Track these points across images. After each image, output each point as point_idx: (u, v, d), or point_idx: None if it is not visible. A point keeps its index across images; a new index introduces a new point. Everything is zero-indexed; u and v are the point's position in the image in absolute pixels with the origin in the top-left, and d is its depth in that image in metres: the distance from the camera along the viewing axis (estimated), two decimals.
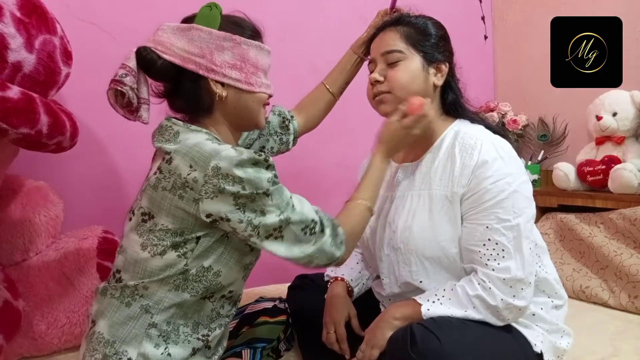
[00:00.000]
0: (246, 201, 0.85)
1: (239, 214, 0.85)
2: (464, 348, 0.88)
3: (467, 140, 1.03)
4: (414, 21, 1.11)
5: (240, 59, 0.94)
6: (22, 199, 1.34)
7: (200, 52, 0.91)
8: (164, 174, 0.88)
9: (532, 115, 2.28)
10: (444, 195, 1.03)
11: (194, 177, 0.84)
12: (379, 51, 1.11)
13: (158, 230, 0.88)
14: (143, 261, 0.89)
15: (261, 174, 0.86)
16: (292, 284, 1.33)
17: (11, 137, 1.05)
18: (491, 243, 0.97)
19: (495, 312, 0.96)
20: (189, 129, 0.92)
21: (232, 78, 0.93)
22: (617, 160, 1.75)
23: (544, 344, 1.02)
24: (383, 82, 1.08)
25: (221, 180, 0.83)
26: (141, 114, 0.92)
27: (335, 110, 2.05)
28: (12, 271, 1.30)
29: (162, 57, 0.90)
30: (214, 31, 0.92)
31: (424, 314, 0.97)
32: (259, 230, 0.87)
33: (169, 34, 0.92)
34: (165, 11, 1.66)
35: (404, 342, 0.90)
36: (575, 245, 1.79)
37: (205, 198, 0.85)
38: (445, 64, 1.10)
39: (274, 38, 1.89)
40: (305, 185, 2.01)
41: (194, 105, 0.95)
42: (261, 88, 0.97)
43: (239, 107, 0.96)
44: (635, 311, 1.54)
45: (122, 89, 0.88)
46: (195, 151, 0.86)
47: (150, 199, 0.89)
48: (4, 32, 1.01)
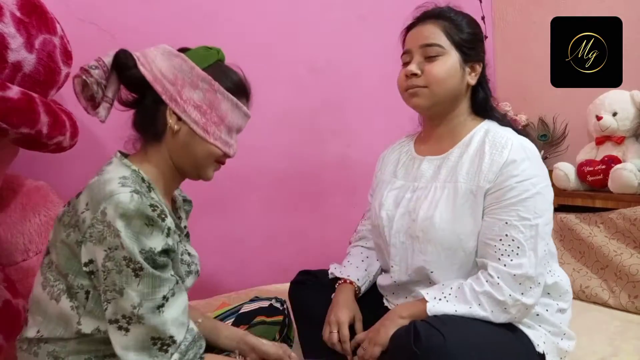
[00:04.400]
0: (113, 267, 0.78)
1: (101, 276, 0.79)
2: (468, 345, 0.88)
3: (497, 138, 1.05)
4: (454, 17, 1.10)
5: (208, 104, 0.91)
6: (22, 199, 1.34)
7: (173, 80, 0.89)
8: (70, 208, 0.86)
9: (532, 115, 2.28)
10: (469, 189, 1.03)
11: (84, 217, 0.80)
12: (417, 42, 1.09)
13: (52, 269, 0.86)
14: (44, 302, 0.86)
15: (148, 238, 0.79)
16: (295, 280, 1.31)
17: (11, 137, 1.05)
18: (508, 239, 0.97)
19: (502, 308, 0.96)
20: (120, 162, 0.89)
21: (190, 117, 0.89)
22: (617, 160, 1.75)
23: (547, 344, 1.02)
24: (420, 75, 1.07)
25: (105, 228, 0.78)
26: (99, 111, 0.90)
27: (335, 110, 2.06)
28: (12, 271, 1.30)
29: (138, 67, 0.89)
30: (196, 68, 0.90)
31: (429, 310, 0.98)
32: (107, 307, 0.79)
33: (158, 52, 0.91)
34: (165, 11, 1.66)
35: (407, 338, 0.90)
36: (575, 245, 1.79)
37: (89, 241, 0.79)
38: (479, 64, 1.11)
39: (274, 38, 1.90)
40: (305, 185, 2.01)
41: (147, 126, 0.93)
42: (217, 141, 0.92)
43: (187, 149, 0.92)
44: (635, 311, 1.54)
45: (86, 78, 0.86)
46: (97, 189, 0.82)
47: (54, 232, 0.87)
48: (4, 32, 1.01)
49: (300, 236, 2.00)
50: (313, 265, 1.40)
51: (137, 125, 0.95)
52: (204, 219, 1.79)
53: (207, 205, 1.81)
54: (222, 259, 1.81)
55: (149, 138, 0.93)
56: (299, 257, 1.98)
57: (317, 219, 2.04)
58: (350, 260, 1.28)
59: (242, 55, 1.96)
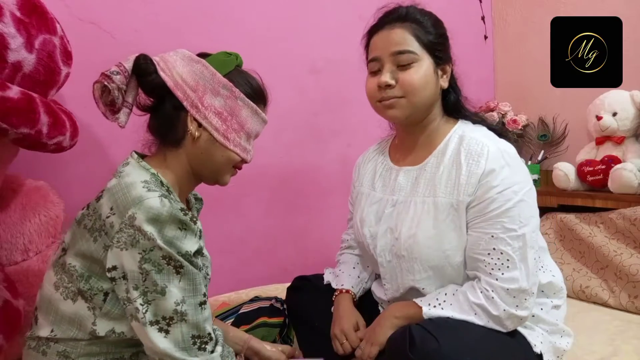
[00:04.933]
0: (152, 268, 0.78)
1: (139, 279, 0.79)
2: (463, 349, 0.88)
3: (472, 146, 1.01)
4: (421, 18, 1.04)
5: (229, 111, 0.91)
6: (22, 199, 1.34)
7: (194, 86, 0.89)
8: (89, 211, 0.86)
9: (532, 115, 2.28)
10: (449, 203, 1.01)
11: (111, 222, 0.80)
12: (387, 50, 1.02)
13: (67, 269, 0.85)
14: (55, 302, 0.85)
15: (182, 242, 0.80)
16: (291, 285, 1.32)
17: (11, 137, 1.05)
18: (496, 252, 0.96)
19: (497, 321, 0.95)
20: (138, 164, 0.89)
21: (211, 124, 0.90)
22: (617, 160, 1.75)
23: (544, 344, 1.02)
24: (394, 85, 1.02)
25: (136, 232, 0.78)
26: (119, 116, 0.90)
27: (335, 110, 2.06)
28: (12, 271, 1.30)
29: (159, 72, 0.89)
30: (217, 74, 0.90)
31: (425, 314, 0.97)
32: (147, 309, 0.79)
33: (178, 57, 0.91)
34: (165, 11, 1.66)
35: (402, 343, 0.90)
36: (575, 245, 1.79)
37: (116, 247, 0.79)
38: (449, 65, 1.08)
39: (274, 38, 1.90)
40: (305, 185, 2.01)
41: (166, 131, 0.93)
42: (236, 148, 0.93)
43: (206, 155, 0.92)
44: (635, 311, 1.54)
45: (108, 84, 0.86)
46: (121, 193, 0.82)
47: (72, 234, 0.87)
48: (4, 32, 1.01)
49: (300, 236, 2.00)
50: (313, 266, 1.40)
51: (155, 129, 0.95)
52: (203, 219, 1.79)
53: (207, 205, 1.81)
54: (222, 259, 1.80)
55: (168, 143, 0.93)
56: (299, 257, 1.98)
57: (317, 219, 2.04)
58: (341, 269, 1.27)
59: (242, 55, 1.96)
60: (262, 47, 1.86)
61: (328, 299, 1.22)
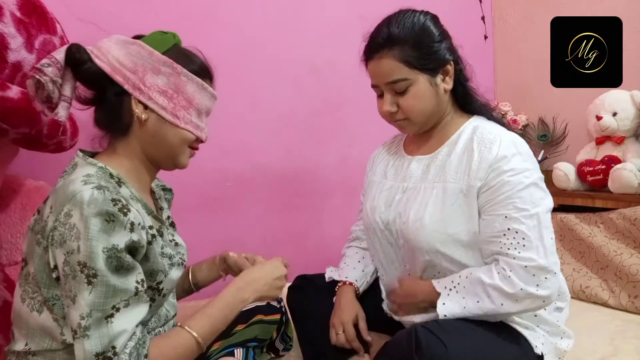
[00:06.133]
0: (70, 272, 0.74)
1: (63, 280, 0.75)
2: (469, 353, 0.88)
3: (486, 135, 1.03)
4: (406, 33, 1.02)
5: (174, 88, 0.88)
6: (22, 199, 1.34)
7: (133, 67, 0.85)
8: (39, 216, 0.83)
9: (532, 115, 2.28)
10: (459, 188, 1.02)
11: (47, 221, 0.78)
12: (381, 80, 1.05)
13: (30, 280, 0.82)
14: (25, 315, 0.82)
15: (110, 234, 0.75)
16: (292, 285, 1.33)
17: (11, 137, 1.05)
18: (511, 232, 0.96)
19: (513, 300, 0.94)
20: (84, 162, 0.86)
21: (157, 103, 0.86)
22: (617, 160, 1.75)
23: (545, 345, 1.02)
24: (397, 111, 1.07)
25: (66, 230, 0.74)
26: (58, 111, 0.84)
27: (335, 110, 2.06)
28: (12, 271, 1.30)
29: (94, 60, 0.85)
30: (155, 52, 0.87)
31: (439, 311, 0.98)
32: (69, 319, 0.75)
33: (112, 42, 0.87)
34: (165, 11, 1.66)
35: (408, 346, 0.89)
36: (575, 245, 1.79)
37: (51, 245, 0.76)
38: (450, 64, 1.06)
39: (274, 38, 1.90)
40: (305, 185, 2.01)
41: (112, 121, 0.89)
42: (188, 125, 0.90)
43: (158, 137, 0.89)
44: (635, 311, 1.54)
45: (40, 78, 0.81)
46: (61, 191, 0.78)
47: (28, 243, 0.84)
48: (4, 32, 1.01)
49: (300, 236, 2.00)
50: (313, 266, 1.40)
51: (101, 122, 0.91)
52: (204, 219, 1.79)
53: (207, 205, 1.81)
54: None
55: (116, 133, 0.90)
56: (299, 257, 1.98)
57: (317, 219, 2.04)
58: (346, 262, 1.29)
59: (242, 55, 1.97)
60: (262, 47, 1.86)
61: (329, 298, 1.23)
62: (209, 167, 1.79)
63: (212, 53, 0.97)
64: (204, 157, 1.83)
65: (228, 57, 1.79)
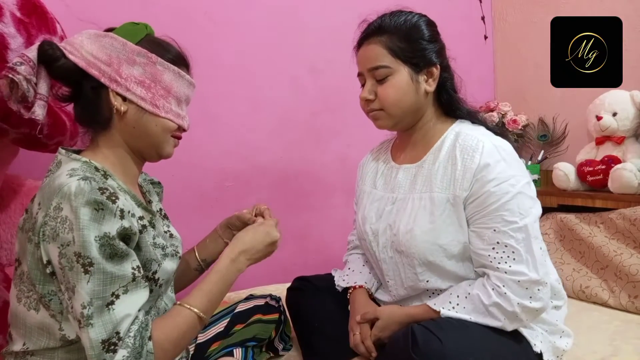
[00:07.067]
0: (66, 264, 0.74)
1: (60, 274, 0.76)
2: (465, 349, 0.88)
3: (468, 141, 1.02)
4: (397, 26, 1.05)
5: (150, 77, 0.88)
6: (22, 199, 1.34)
7: (108, 60, 0.85)
8: (29, 214, 0.83)
9: (532, 115, 2.28)
10: (445, 198, 1.01)
11: (37, 217, 0.78)
12: (365, 66, 1.07)
13: (24, 280, 0.82)
14: (22, 315, 0.83)
15: (100, 226, 0.75)
16: (291, 286, 1.33)
17: (11, 137, 1.05)
18: (500, 246, 0.96)
19: (513, 318, 0.95)
20: (68, 158, 0.85)
21: (135, 94, 0.86)
22: (617, 160, 1.75)
23: (544, 344, 1.02)
24: (374, 99, 1.06)
25: (57, 223, 0.74)
26: (35, 110, 0.83)
27: (335, 110, 2.06)
28: (12, 271, 1.30)
29: (67, 56, 0.84)
30: (129, 43, 0.87)
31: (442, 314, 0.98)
32: (72, 305, 0.76)
33: (84, 37, 0.87)
34: (165, 11, 1.66)
35: (405, 342, 0.89)
36: (575, 245, 1.79)
37: (43, 241, 0.76)
38: (436, 67, 1.06)
39: (274, 38, 1.90)
40: (305, 185, 2.01)
41: (91, 116, 0.89)
42: (168, 114, 0.90)
43: (139, 127, 0.89)
44: (635, 311, 1.53)
45: (14, 77, 0.80)
46: (48, 187, 0.78)
47: (19, 242, 0.84)
48: (4, 32, 1.01)
49: (300, 236, 2.00)
50: (313, 266, 1.40)
51: (81, 117, 0.91)
52: (204, 219, 1.79)
53: (207, 205, 1.81)
54: None
55: (97, 127, 0.90)
56: (299, 257, 1.98)
57: (317, 219, 2.04)
58: (351, 268, 1.27)
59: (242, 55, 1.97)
60: (262, 47, 1.86)
61: (328, 299, 1.22)
62: (209, 167, 1.79)
63: (212, 53, 0.98)
64: (203, 157, 1.84)
65: (228, 57, 1.79)
